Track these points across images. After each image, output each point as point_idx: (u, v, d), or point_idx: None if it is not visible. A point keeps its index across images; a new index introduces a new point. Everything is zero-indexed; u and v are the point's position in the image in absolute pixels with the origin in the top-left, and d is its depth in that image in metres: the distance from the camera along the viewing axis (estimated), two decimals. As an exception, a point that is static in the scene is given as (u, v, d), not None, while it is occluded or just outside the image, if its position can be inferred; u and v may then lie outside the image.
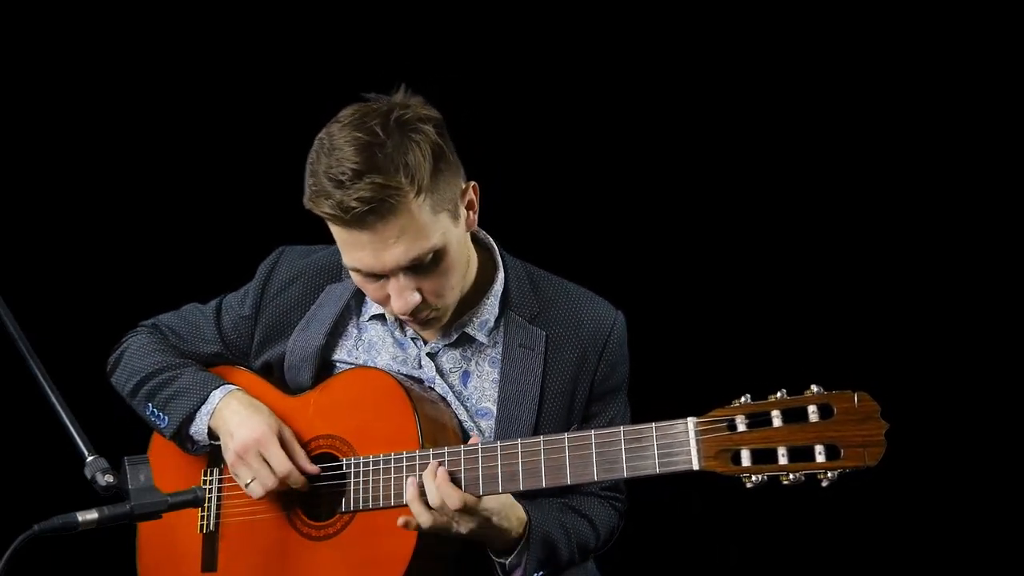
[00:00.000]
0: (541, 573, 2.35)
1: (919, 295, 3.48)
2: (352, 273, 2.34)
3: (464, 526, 2.23)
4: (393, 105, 2.26)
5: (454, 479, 2.24)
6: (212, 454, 2.55)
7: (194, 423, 2.49)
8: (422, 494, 2.24)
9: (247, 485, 2.41)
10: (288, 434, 2.43)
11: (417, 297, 2.28)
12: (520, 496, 2.31)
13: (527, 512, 2.30)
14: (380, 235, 2.21)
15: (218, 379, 2.53)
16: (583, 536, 2.43)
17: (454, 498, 2.20)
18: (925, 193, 3.47)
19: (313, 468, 2.40)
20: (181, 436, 2.51)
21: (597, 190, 3.65)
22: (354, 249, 2.26)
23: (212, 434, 2.49)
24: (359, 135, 2.21)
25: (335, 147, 2.22)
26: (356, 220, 2.19)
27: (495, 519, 2.25)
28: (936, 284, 3.47)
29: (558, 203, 3.63)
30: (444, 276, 2.31)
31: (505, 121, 3.42)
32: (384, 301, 2.34)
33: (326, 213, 2.23)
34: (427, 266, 2.26)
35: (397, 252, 2.23)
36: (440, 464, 2.23)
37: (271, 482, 2.38)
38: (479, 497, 2.22)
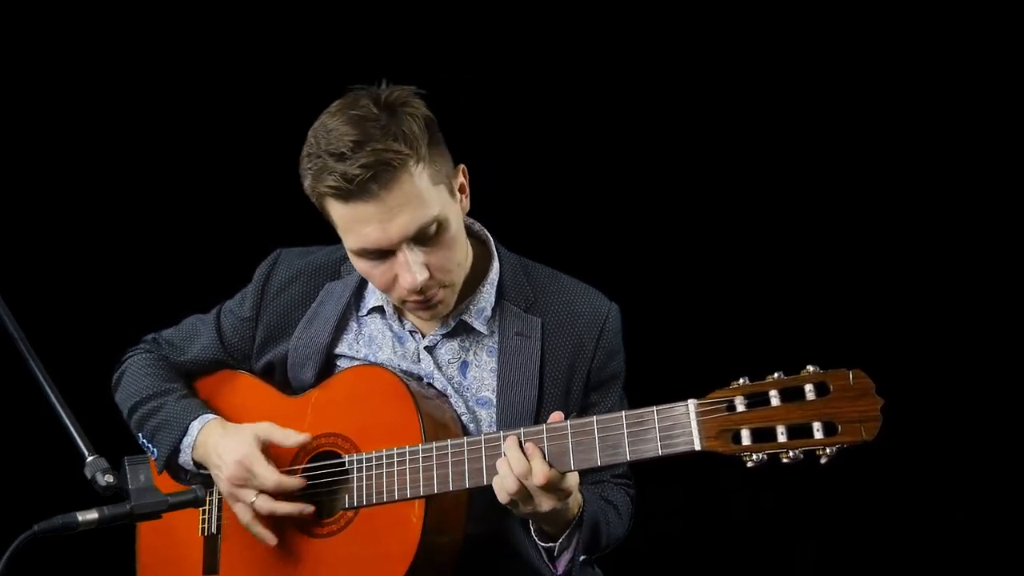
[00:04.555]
0: (582, 559, 2.35)
1: (910, 274, 3.51)
2: (357, 261, 2.35)
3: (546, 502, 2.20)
4: (381, 90, 2.31)
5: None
6: None
7: (181, 455, 2.50)
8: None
9: (252, 504, 2.40)
10: (266, 426, 2.42)
11: (426, 272, 2.29)
12: None
13: (582, 494, 2.29)
14: (384, 203, 2.23)
15: (197, 408, 2.53)
16: (614, 524, 2.44)
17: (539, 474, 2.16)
18: (909, 173, 3.51)
19: (302, 438, 2.39)
20: (172, 469, 2.52)
21: (588, 178, 3.67)
22: (359, 225, 2.27)
23: (200, 464, 2.49)
24: (353, 113, 2.26)
25: (331, 128, 2.26)
26: (360, 190, 2.22)
27: (575, 496, 2.24)
28: (927, 262, 3.50)
29: (550, 193, 3.64)
30: (448, 250, 2.33)
31: (497, 115, 3.43)
32: (391, 285, 2.34)
33: (330, 188, 2.24)
34: (432, 238, 2.29)
35: (402, 221, 2.25)
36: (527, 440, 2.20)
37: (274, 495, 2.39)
38: (563, 474, 2.18)
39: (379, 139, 2.22)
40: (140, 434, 2.56)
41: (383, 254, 2.30)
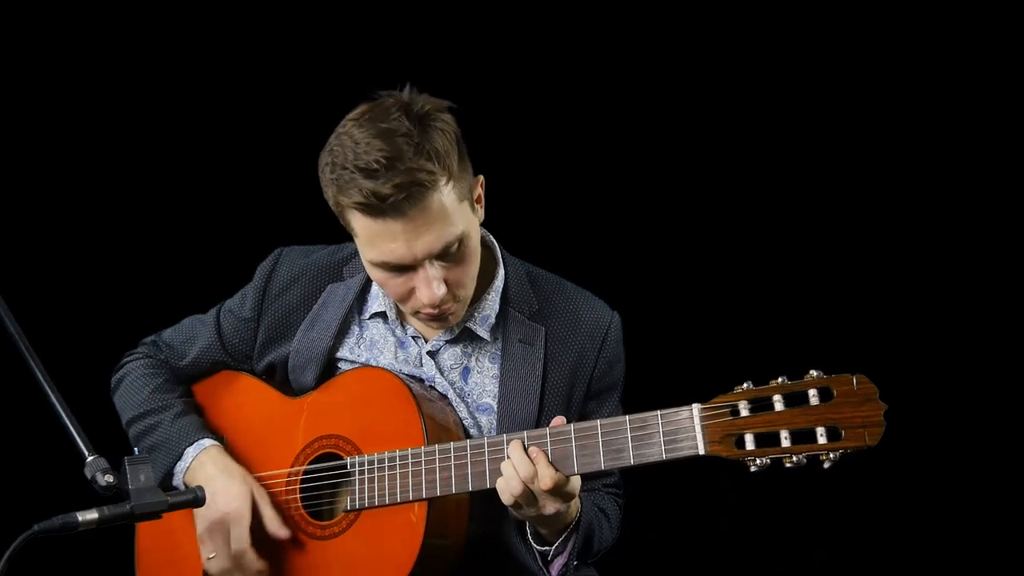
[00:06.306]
0: (574, 564, 2.35)
1: (913, 279, 3.51)
2: (373, 270, 2.33)
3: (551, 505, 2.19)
4: (408, 99, 2.27)
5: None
6: None
7: (174, 478, 2.49)
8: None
9: (208, 559, 2.42)
10: (262, 497, 2.42)
11: (444, 288, 2.28)
12: None
13: (579, 498, 2.29)
14: (414, 222, 2.21)
15: (194, 432, 2.51)
16: (605, 530, 2.45)
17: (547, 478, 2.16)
18: (912, 178, 3.52)
19: (284, 533, 2.40)
20: (166, 490, 2.51)
21: (593, 182, 3.67)
22: (384, 240, 2.24)
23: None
24: (384, 126, 2.21)
25: (359, 140, 2.21)
26: (392, 208, 2.18)
27: (575, 500, 2.23)
28: (929, 267, 3.51)
29: (554, 196, 3.64)
30: (466, 265, 2.32)
31: (500, 122, 3.43)
32: (407, 297, 2.33)
33: (358, 204, 2.21)
34: (454, 254, 2.27)
35: (429, 239, 2.23)
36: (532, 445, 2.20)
37: (227, 564, 2.40)
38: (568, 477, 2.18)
39: (412, 157, 2.18)
40: (137, 449, 2.54)
41: (403, 268, 2.28)
